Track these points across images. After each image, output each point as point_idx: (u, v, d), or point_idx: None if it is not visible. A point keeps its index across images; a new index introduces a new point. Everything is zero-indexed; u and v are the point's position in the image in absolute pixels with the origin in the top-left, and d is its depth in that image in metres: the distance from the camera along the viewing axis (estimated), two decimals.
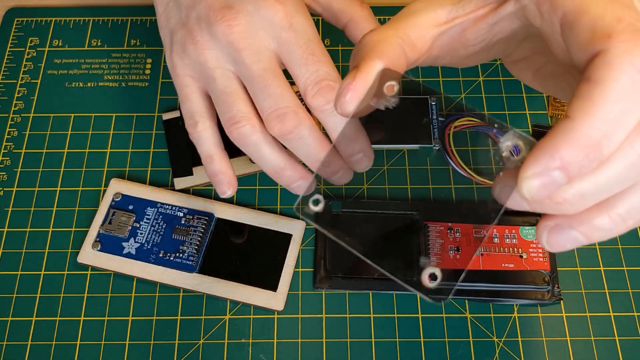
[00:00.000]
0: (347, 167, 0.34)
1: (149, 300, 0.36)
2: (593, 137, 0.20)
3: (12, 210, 0.39)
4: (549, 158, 0.20)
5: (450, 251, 0.36)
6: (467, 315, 0.36)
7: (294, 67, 0.32)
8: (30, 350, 0.35)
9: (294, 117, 0.32)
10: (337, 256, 0.37)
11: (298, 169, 0.34)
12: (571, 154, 0.20)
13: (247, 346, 0.35)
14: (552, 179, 0.20)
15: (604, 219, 0.22)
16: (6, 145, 0.41)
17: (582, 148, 0.20)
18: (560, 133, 0.20)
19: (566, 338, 0.35)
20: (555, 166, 0.20)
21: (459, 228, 0.37)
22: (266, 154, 0.33)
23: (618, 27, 0.20)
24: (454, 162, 0.39)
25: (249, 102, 0.33)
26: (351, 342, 0.35)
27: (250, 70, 0.32)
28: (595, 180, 0.21)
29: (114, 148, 0.41)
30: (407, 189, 0.39)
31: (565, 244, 0.23)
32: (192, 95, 0.34)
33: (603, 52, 0.20)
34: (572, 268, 0.37)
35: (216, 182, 0.34)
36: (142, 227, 0.37)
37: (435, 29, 0.26)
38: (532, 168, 0.20)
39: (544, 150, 0.20)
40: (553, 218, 0.23)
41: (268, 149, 0.33)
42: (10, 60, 0.44)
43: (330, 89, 0.31)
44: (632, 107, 0.20)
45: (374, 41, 0.25)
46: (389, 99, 0.25)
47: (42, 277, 0.37)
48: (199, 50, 0.33)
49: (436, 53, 0.27)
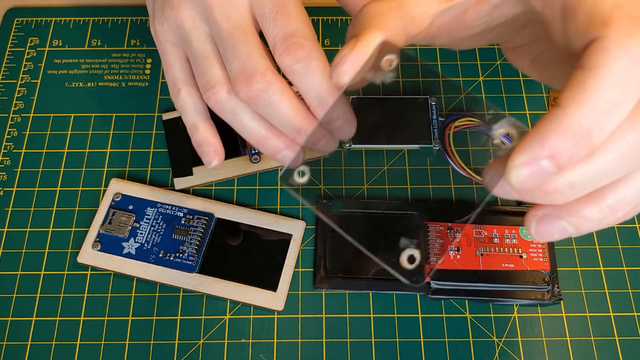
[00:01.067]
0: (328, 134, 0.32)
1: (149, 300, 0.36)
2: (584, 126, 0.19)
3: (12, 210, 0.39)
4: (538, 147, 0.20)
5: (451, 251, 0.36)
6: (467, 315, 0.36)
7: (264, 22, 0.30)
8: (30, 350, 0.35)
9: (262, 79, 0.29)
10: (337, 256, 0.37)
11: (282, 137, 0.32)
12: (561, 143, 0.19)
13: (247, 346, 0.35)
14: (541, 168, 0.20)
15: (593, 209, 0.21)
16: (6, 145, 0.41)
17: (572, 137, 0.19)
18: (551, 121, 0.20)
19: (566, 338, 0.35)
20: (544, 155, 0.20)
21: (459, 228, 0.37)
22: (245, 121, 0.31)
23: (616, 14, 0.20)
24: (454, 162, 0.39)
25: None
26: (351, 342, 0.35)
27: (220, 28, 0.31)
28: (585, 170, 0.20)
29: (114, 148, 0.41)
30: (407, 189, 0.39)
31: (553, 234, 0.22)
32: (173, 61, 0.33)
33: (599, 39, 0.20)
34: (572, 268, 0.37)
35: (202, 152, 0.34)
36: (142, 227, 0.37)
37: (438, 5, 0.26)
38: (521, 157, 0.20)
39: (534, 139, 0.20)
40: (542, 208, 0.22)
41: (247, 117, 0.31)
42: (10, 60, 0.44)
43: (300, 47, 0.29)
44: (625, 96, 0.19)
45: (376, 12, 0.25)
46: (386, 73, 0.24)
47: (42, 277, 0.37)
48: (175, 12, 0.32)
49: (435, 31, 0.27)
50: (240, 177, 0.39)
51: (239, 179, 0.39)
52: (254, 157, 0.39)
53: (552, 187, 0.21)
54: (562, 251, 0.37)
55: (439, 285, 0.36)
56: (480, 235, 0.37)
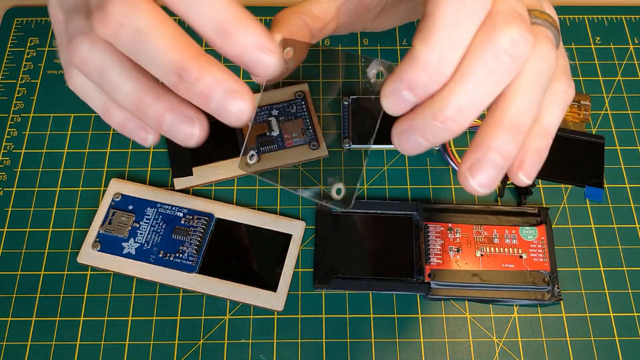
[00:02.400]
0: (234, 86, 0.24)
1: (149, 300, 0.36)
2: (431, 61, 0.23)
3: (12, 210, 0.38)
4: (397, 80, 0.24)
5: (451, 251, 0.36)
6: (467, 315, 0.36)
7: None
8: (30, 350, 0.35)
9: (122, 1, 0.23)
10: (337, 256, 0.37)
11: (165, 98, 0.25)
12: (414, 76, 0.23)
13: (247, 346, 0.35)
14: (402, 97, 0.24)
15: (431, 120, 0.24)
16: (6, 145, 0.41)
17: (422, 70, 0.23)
18: (406, 60, 0.24)
19: (566, 338, 0.35)
20: (402, 87, 0.24)
21: (459, 228, 0.37)
22: (114, 79, 0.25)
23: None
24: (454, 162, 0.39)
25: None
26: (351, 342, 0.35)
27: None
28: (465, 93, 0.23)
29: (113, 148, 0.41)
30: (407, 189, 0.39)
31: (413, 147, 0.25)
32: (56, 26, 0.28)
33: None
34: (572, 268, 0.37)
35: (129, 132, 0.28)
36: (141, 227, 0.37)
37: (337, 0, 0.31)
38: (386, 88, 0.24)
39: (394, 74, 0.24)
40: (400, 124, 0.25)
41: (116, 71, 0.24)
42: (10, 60, 0.44)
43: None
44: (460, 31, 0.23)
45: (277, 18, 0.30)
46: (288, 62, 0.28)
47: (42, 277, 0.37)
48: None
49: (346, 20, 0.32)
50: (240, 177, 0.39)
51: (239, 179, 0.39)
52: None
53: (445, 116, 0.23)
54: (562, 251, 0.37)
55: (439, 286, 0.36)
56: (480, 236, 0.37)
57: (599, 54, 0.44)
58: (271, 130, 0.40)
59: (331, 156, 0.40)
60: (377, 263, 0.36)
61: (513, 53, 0.23)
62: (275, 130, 0.40)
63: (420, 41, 0.23)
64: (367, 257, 0.37)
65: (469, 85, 0.23)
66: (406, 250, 0.36)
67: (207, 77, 0.23)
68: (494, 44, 0.23)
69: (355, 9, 0.33)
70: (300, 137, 0.40)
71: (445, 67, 0.23)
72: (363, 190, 0.39)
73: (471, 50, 0.23)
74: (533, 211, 0.38)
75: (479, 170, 0.24)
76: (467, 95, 0.23)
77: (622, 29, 0.45)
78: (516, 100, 0.24)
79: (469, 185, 0.24)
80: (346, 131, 0.40)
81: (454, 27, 0.23)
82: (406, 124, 0.25)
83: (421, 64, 0.23)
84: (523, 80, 0.24)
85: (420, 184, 0.39)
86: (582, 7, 0.46)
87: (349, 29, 0.34)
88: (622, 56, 0.44)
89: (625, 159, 0.40)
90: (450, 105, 0.23)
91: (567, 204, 0.39)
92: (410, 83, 0.23)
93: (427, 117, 0.24)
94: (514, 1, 0.24)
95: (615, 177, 0.40)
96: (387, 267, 0.36)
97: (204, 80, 0.23)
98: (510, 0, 0.24)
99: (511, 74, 0.24)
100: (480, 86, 0.23)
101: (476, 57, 0.23)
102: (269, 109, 0.41)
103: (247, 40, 0.24)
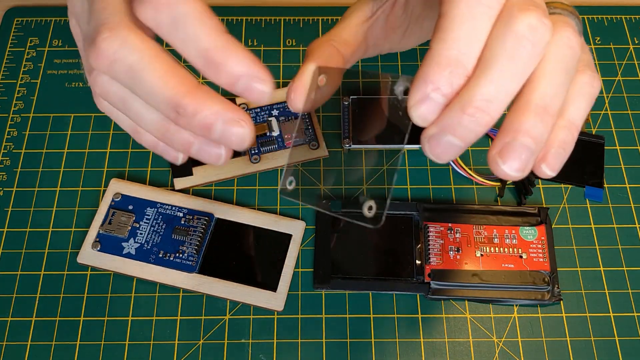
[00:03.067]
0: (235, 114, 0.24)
1: (149, 300, 0.36)
2: (451, 57, 0.23)
3: (12, 210, 0.38)
4: (422, 84, 0.23)
5: (451, 252, 0.36)
6: (467, 315, 0.36)
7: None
8: (30, 350, 0.35)
9: (110, 35, 0.23)
10: (337, 256, 0.37)
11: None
12: (438, 75, 0.23)
13: (247, 346, 0.35)
14: (432, 100, 0.23)
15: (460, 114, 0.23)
16: (6, 145, 0.41)
17: (445, 68, 0.23)
18: (427, 62, 0.24)
19: (566, 338, 0.35)
20: (430, 89, 0.23)
21: (459, 228, 0.37)
22: (137, 109, 0.25)
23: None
24: (454, 162, 0.39)
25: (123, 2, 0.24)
26: (351, 343, 0.35)
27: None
28: (491, 82, 0.23)
29: (113, 148, 0.41)
30: (407, 189, 0.39)
31: (445, 151, 0.24)
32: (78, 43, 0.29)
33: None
34: (572, 268, 0.37)
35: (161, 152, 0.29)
36: (141, 227, 0.37)
37: (364, 25, 0.33)
38: (412, 97, 0.24)
39: (418, 79, 0.24)
40: (429, 128, 0.24)
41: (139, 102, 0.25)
42: (10, 60, 0.44)
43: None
44: (474, 25, 0.23)
45: (310, 49, 0.31)
46: (322, 89, 0.30)
47: (41, 277, 0.37)
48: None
49: (373, 42, 0.34)
50: (240, 177, 0.39)
51: (238, 179, 0.39)
52: (253, 157, 0.39)
53: (474, 108, 0.23)
54: (562, 251, 0.37)
55: (439, 286, 0.36)
56: (480, 235, 0.37)
57: (599, 54, 0.44)
58: (271, 130, 0.40)
59: (331, 156, 0.40)
60: (377, 263, 0.36)
61: (533, 38, 0.23)
62: (275, 130, 0.40)
63: (437, 40, 0.24)
64: (367, 257, 0.37)
65: (493, 74, 0.23)
66: (406, 250, 0.36)
67: (204, 111, 0.24)
68: (513, 30, 0.23)
69: (382, 30, 0.33)
70: (300, 137, 0.40)
71: (467, 60, 0.23)
72: (363, 191, 0.39)
73: (491, 41, 0.23)
74: (533, 211, 0.38)
75: (509, 153, 0.23)
76: (492, 83, 0.23)
77: (622, 29, 0.45)
78: (542, 83, 0.24)
79: (500, 170, 0.24)
80: (346, 131, 0.40)
81: (469, 21, 0.23)
82: (435, 126, 0.24)
83: (442, 61, 0.23)
84: (547, 64, 0.24)
85: (420, 184, 0.39)
86: (582, 7, 0.46)
87: (377, 50, 0.35)
88: (622, 56, 0.44)
89: (625, 159, 0.40)
90: (478, 96, 0.23)
91: (567, 204, 0.39)
92: (434, 83, 0.23)
93: (456, 112, 0.23)
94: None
95: (615, 177, 0.40)
96: (387, 267, 0.36)
97: (202, 115, 0.24)
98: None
99: (534, 60, 0.24)
100: (505, 74, 0.23)
101: (497, 46, 0.23)
102: (269, 109, 0.41)
103: (237, 69, 0.23)
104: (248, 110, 0.41)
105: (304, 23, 0.45)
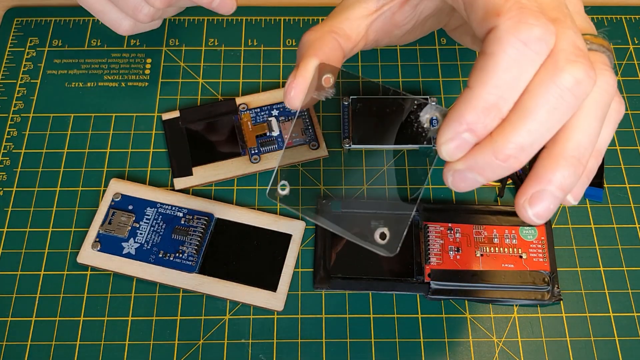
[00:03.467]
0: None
1: (149, 300, 0.36)
2: (490, 101, 0.23)
3: (12, 210, 0.38)
4: (456, 124, 0.23)
5: (450, 252, 0.36)
6: (467, 315, 0.36)
7: None
8: (30, 350, 0.35)
9: None
10: (337, 256, 0.37)
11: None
12: (474, 117, 0.23)
13: (247, 346, 0.35)
14: (463, 140, 0.24)
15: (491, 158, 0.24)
16: (6, 145, 0.41)
17: (482, 111, 0.23)
18: (463, 101, 0.23)
19: (566, 338, 0.35)
20: (463, 129, 0.23)
21: (459, 228, 0.37)
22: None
23: (506, 5, 0.23)
24: None
25: None
26: (351, 342, 0.35)
27: None
28: (527, 132, 0.23)
29: (113, 148, 0.41)
30: (407, 189, 0.39)
31: (467, 185, 0.25)
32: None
33: (494, 29, 0.23)
34: (572, 268, 0.37)
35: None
36: (141, 227, 0.37)
37: (367, 18, 0.31)
38: (444, 134, 0.24)
39: (452, 118, 0.23)
40: (455, 163, 0.25)
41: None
42: (10, 60, 0.44)
43: None
44: (520, 72, 0.23)
45: (311, 40, 0.29)
46: (327, 90, 0.28)
47: (41, 277, 0.36)
48: None
49: (373, 37, 0.32)
50: (240, 177, 0.39)
51: (238, 179, 0.39)
52: (253, 157, 0.39)
53: (506, 155, 0.23)
54: (562, 251, 0.37)
55: (439, 286, 0.36)
56: (480, 236, 0.37)
57: None
58: (271, 130, 0.40)
59: (331, 156, 0.40)
60: (377, 263, 0.36)
61: (577, 92, 0.23)
62: (275, 130, 0.40)
63: (478, 81, 0.23)
64: (367, 257, 0.37)
65: (532, 124, 0.23)
66: (406, 250, 0.36)
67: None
68: (558, 83, 0.23)
69: (384, 26, 0.32)
70: (300, 137, 0.40)
71: (505, 104, 0.23)
72: (363, 191, 0.39)
73: (533, 89, 0.23)
74: None
75: (538, 202, 0.24)
76: (529, 133, 0.23)
77: (622, 29, 0.45)
78: (577, 133, 0.24)
79: (527, 216, 0.24)
80: (346, 131, 0.40)
81: (515, 68, 0.23)
82: (462, 163, 0.24)
83: (480, 104, 0.23)
84: (584, 113, 0.24)
85: (420, 184, 0.39)
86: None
87: (374, 45, 0.34)
88: (622, 56, 0.44)
89: (625, 159, 0.40)
90: (512, 144, 0.23)
91: None
92: (470, 125, 0.23)
93: (487, 156, 0.23)
94: (574, 34, 0.24)
95: (615, 177, 0.40)
96: (387, 267, 0.36)
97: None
98: (570, 34, 0.24)
99: (573, 110, 0.24)
100: (543, 125, 0.23)
101: (539, 96, 0.23)
102: (269, 109, 0.41)
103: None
104: (248, 110, 0.41)
105: (304, 23, 0.45)
